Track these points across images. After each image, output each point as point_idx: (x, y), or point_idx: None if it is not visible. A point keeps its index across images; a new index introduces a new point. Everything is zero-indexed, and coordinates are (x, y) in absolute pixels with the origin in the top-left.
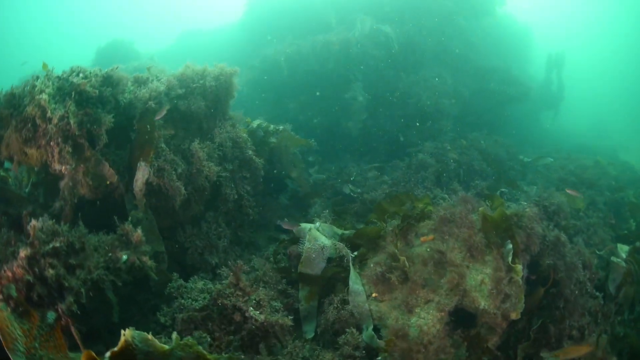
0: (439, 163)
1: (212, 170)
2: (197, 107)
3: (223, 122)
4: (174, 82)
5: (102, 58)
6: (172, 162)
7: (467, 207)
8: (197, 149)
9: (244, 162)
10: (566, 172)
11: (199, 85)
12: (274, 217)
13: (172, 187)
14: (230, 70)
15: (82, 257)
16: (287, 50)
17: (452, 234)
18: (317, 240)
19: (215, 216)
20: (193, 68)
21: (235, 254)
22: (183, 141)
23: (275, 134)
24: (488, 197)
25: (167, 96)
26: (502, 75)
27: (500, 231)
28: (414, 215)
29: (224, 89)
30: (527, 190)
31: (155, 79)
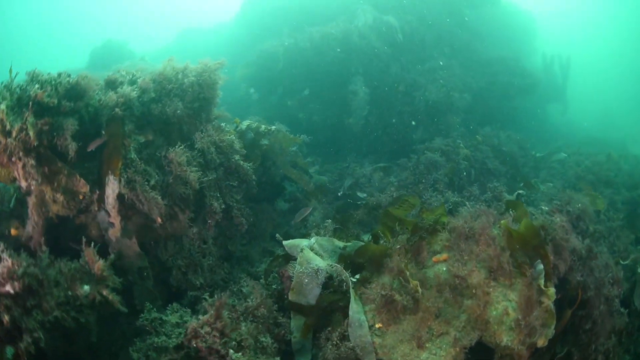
0: (450, 162)
1: (193, 176)
2: (172, 110)
3: (206, 124)
4: (147, 85)
5: (97, 59)
6: (144, 173)
7: (488, 219)
8: (175, 155)
9: (231, 168)
10: (582, 169)
11: (175, 86)
12: (270, 226)
13: (146, 199)
14: (214, 65)
15: (41, 296)
16: (285, 44)
17: (471, 253)
18: (309, 262)
19: (199, 231)
20: (173, 66)
21: (224, 271)
22: (158, 149)
23: (267, 134)
24: (509, 204)
25: (140, 100)
26: (510, 66)
27: (529, 249)
28: (426, 227)
29: (207, 87)
30: (544, 190)
31: (128, 81)
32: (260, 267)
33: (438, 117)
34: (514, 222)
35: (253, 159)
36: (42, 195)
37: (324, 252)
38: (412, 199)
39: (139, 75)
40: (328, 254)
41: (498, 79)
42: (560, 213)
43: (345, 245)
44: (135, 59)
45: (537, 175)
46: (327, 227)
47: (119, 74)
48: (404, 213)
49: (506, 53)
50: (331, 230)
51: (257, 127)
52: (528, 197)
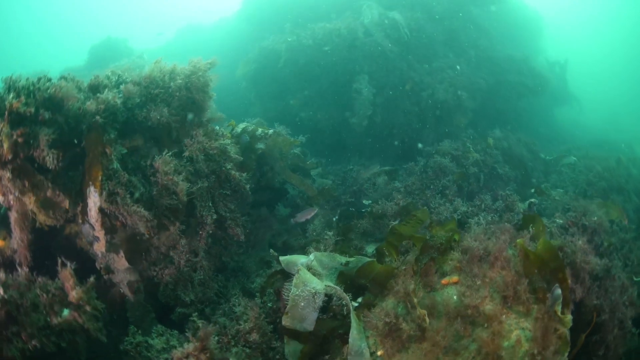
0: (460, 167)
1: (180, 186)
2: (157, 116)
3: (197, 129)
4: (132, 89)
5: (96, 56)
6: (128, 185)
7: (503, 239)
8: (161, 163)
9: (223, 176)
10: (594, 174)
11: (161, 90)
12: (268, 233)
13: (129, 212)
14: (204, 66)
15: (20, 323)
16: (288, 40)
17: (485, 277)
18: (306, 284)
19: (190, 243)
20: (160, 68)
21: (218, 284)
22: (144, 157)
23: (264, 138)
24: (526, 220)
25: (125, 105)
26: (519, 66)
27: (546, 272)
28: (437, 246)
29: (196, 91)
30: (556, 197)
31: (114, 83)
32: (256, 282)
33: (446, 117)
34: (531, 239)
35: (248, 164)
36: (23, 209)
37: (324, 269)
38: (420, 214)
39: (127, 77)
40: (328, 270)
41: (507, 78)
42: (576, 226)
43: (348, 261)
44: (133, 56)
45: (547, 179)
46: (327, 240)
47: (104, 77)
48: (411, 230)
49: (515, 52)
50: (332, 243)
51: (253, 130)
52: (540, 205)
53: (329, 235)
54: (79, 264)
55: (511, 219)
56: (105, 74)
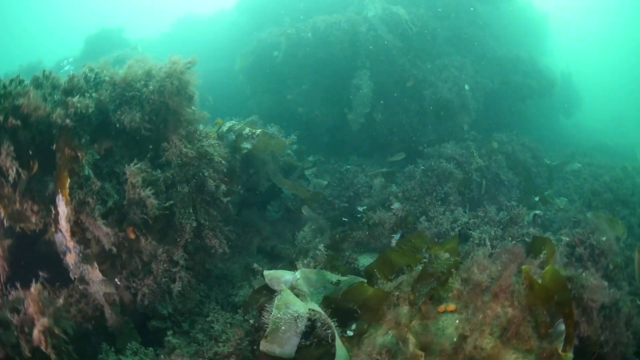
0: (462, 172)
1: (150, 201)
2: (131, 120)
3: (175, 132)
4: (105, 92)
5: (91, 47)
6: (101, 193)
7: (509, 268)
8: (130, 174)
9: (201, 182)
10: (601, 184)
11: (136, 93)
12: (257, 238)
13: (95, 226)
14: (182, 67)
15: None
16: (287, 32)
17: (486, 311)
18: (289, 306)
19: (169, 252)
20: (136, 70)
21: (200, 294)
22: (118, 164)
23: (251, 138)
24: (536, 243)
25: (98, 107)
26: (525, 67)
27: (552, 305)
28: (436, 273)
29: (170, 94)
30: (560, 206)
31: (93, 84)
32: (240, 294)
33: (448, 117)
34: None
35: (232, 165)
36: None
37: (311, 287)
38: (416, 239)
39: (105, 75)
40: (316, 289)
41: (512, 79)
42: (583, 245)
43: (339, 280)
44: (128, 47)
45: (551, 186)
46: (318, 256)
47: (81, 77)
48: (405, 260)
49: (520, 52)
50: (323, 260)
51: (240, 129)
52: (544, 216)
53: (320, 250)
54: (60, 270)
55: (515, 233)
56: (84, 72)
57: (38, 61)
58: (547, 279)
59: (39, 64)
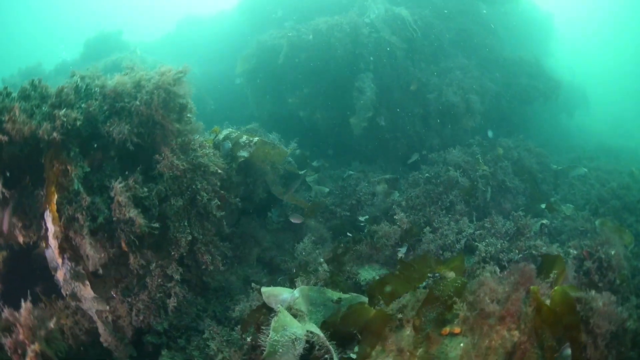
0: (468, 179)
1: (139, 220)
2: (119, 132)
3: (166, 144)
4: (94, 103)
5: (90, 50)
6: (91, 208)
7: (519, 291)
8: (117, 192)
9: (198, 194)
10: (608, 190)
11: (126, 104)
12: (256, 248)
13: (81, 244)
14: (171, 78)
15: None
16: (288, 35)
17: (492, 334)
18: (286, 328)
19: (161, 265)
20: (126, 80)
21: (197, 308)
22: (108, 177)
23: (248, 146)
24: (547, 261)
25: (88, 119)
26: (531, 69)
27: (559, 328)
28: (443, 297)
29: (157, 108)
30: (567, 214)
31: (84, 94)
32: (239, 307)
33: (452, 121)
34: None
35: (228, 174)
36: None
37: (311, 306)
38: (420, 265)
39: (97, 84)
40: (316, 307)
41: (517, 81)
42: (592, 258)
43: (340, 297)
44: (127, 50)
45: (557, 191)
46: (319, 273)
47: (71, 88)
48: (406, 287)
49: (525, 54)
50: (324, 278)
51: (237, 137)
52: (551, 225)
53: (322, 267)
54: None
55: (522, 245)
56: (75, 82)
57: (37, 64)
58: (556, 300)
59: (38, 66)
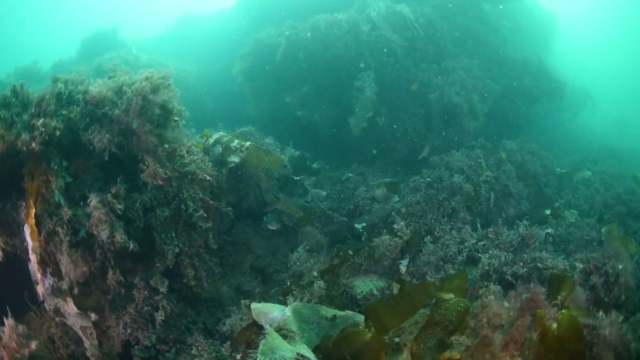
0: (470, 184)
1: (118, 237)
2: (100, 141)
3: (149, 152)
4: (76, 110)
5: (87, 49)
6: (71, 222)
7: (525, 317)
8: (93, 207)
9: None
10: (612, 195)
11: (108, 111)
12: (250, 256)
13: (61, 259)
14: (150, 85)
15: None
16: (285, 34)
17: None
18: (274, 352)
19: (147, 278)
20: (108, 86)
21: (187, 320)
22: (89, 188)
23: (239, 151)
24: (554, 281)
25: (68, 126)
26: (534, 69)
27: (564, 355)
28: (444, 322)
29: (139, 113)
30: (572, 221)
31: (66, 100)
32: (229, 320)
33: (454, 122)
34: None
35: (218, 180)
36: None
37: (304, 323)
38: (416, 295)
39: (79, 90)
40: (308, 325)
41: (521, 81)
42: (599, 272)
43: (335, 315)
44: (123, 48)
45: (561, 195)
46: (314, 290)
47: (53, 97)
48: (401, 319)
49: (529, 53)
50: (319, 295)
51: (228, 142)
52: (556, 233)
53: (317, 284)
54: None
55: (527, 258)
56: (59, 88)
57: (34, 63)
58: (563, 326)
59: (34, 65)
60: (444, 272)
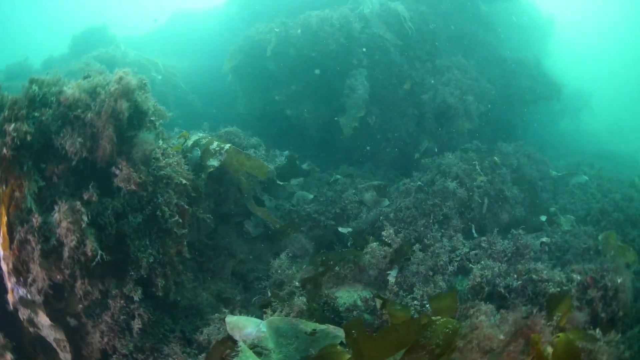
0: (464, 189)
1: (89, 245)
2: (71, 145)
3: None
4: (47, 112)
5: (78, 45)
6: (42, 229)
7: (518, 342)
8: (62, 216)
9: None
10: (609, 201)
11: (80, 114)
12: (231, 260)
13: (33, 268)
14: (125, 86)
15: None
16: (275, 30)
17: None
18: None
19: (120, 285)
20: (84, 84)
21: (164, 328)
22: (59, 194)
23: (219, 154)
24: (553, 301)
25: (40, 129)
26: (531, 70)
27: None
28: (430, 346)
29: (110, 116)
30: (567, 228)
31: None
32: (207, 329)
33: (448, 123)
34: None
35: (196, 186)
36: None
37: (282, 338)
38: (403, 330)
39: (52, 91)
40: (288, 340)
41: (517, 83)
42: (597, 286)
43: (315, 329)
44: (111, 46)
45: (556, 200)
46: (294, 305)
47: (26, 98)
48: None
49: (526, 54)
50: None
51: (207, 144)
52: (551, 241)
53: (298, 298)
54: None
55: (522, 270)
56: (32, 90)
57: (24, 59)
58: (559, 351)
59: (24, 62)
60: (433, 285)
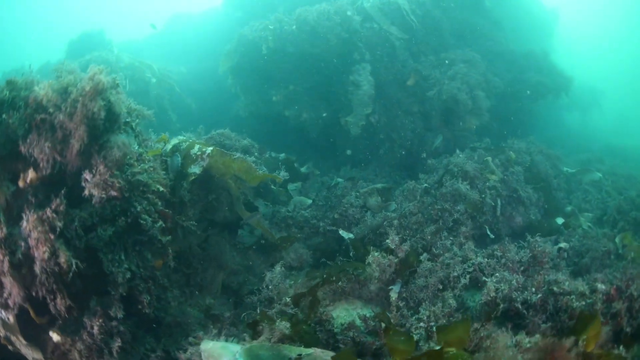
0: (476, 191)
1: (63, 257)
2: (40, 153)
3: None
4: (13, 114)
5: (74, 50)
6: (7, 241)
7: None
8: (31, 226)
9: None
10: (625, 199)
11: (47, 115)
12: (221, 272)
13: (4, 282)
14: (96, 86)
15: None
16: (270, 27)
17: None
18: None
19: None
20: (54, 84)
21: (145, 347)
22: (27, 203)
23: (200, 159)
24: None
25: (5, 134)
26: (539, 63)
27: None
28: None
29: (85, 116)
30: (584, 228)
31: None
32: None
33: (456, 120)
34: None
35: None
36: None
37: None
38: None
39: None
40: None
41: (525, 77)
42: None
43: (300, 355)
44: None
45: (570, 199)
46: (275, 331)
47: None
48: None
49: (533, 47)
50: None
51: (187, 148)
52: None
53: (282, 325)
54: None
55: (541, 281)
56: (4, 93)
57: (21, 66)
58: None
59: (21, 68)
60: (441, 303)
